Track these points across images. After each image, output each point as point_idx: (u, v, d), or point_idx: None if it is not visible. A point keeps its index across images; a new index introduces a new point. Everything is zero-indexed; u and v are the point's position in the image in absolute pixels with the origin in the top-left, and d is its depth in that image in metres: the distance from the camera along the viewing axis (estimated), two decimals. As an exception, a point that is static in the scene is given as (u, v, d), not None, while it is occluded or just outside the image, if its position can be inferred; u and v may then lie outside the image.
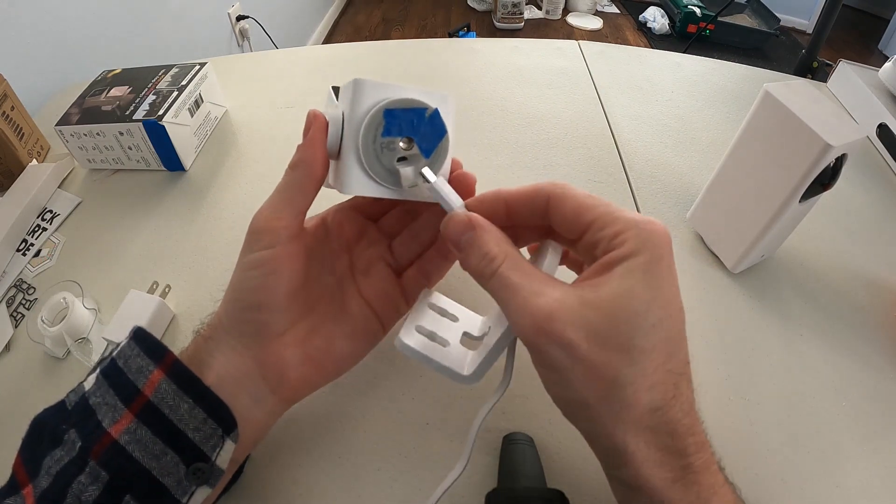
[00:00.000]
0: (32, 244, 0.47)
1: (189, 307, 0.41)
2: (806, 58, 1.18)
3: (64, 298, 0.39)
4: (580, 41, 0.72)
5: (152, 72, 0.55)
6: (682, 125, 0.58)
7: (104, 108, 0.51)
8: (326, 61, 0.71)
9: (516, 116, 0.59)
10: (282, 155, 0.32)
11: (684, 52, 0.73)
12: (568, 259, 0.29)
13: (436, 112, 0.27)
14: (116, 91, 0.53)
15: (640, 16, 2.66)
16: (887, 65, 0.59)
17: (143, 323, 0.37)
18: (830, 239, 0.46)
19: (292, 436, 0.33)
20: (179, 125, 0.51)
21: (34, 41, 0.78)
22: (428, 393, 0.35)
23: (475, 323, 0.29)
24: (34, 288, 0.44)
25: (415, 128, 0.26)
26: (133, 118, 0.49)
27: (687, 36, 2.44)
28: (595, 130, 0.57)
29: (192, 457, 0.24)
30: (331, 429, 0.33)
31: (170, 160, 0.52)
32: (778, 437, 0.33)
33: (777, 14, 2.47)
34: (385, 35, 2.60)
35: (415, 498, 0.30)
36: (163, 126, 0.48)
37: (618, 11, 2.81)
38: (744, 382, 0.36)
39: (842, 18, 1.15)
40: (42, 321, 0.38)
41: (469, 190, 0.29)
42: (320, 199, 0.30)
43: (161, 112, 0.49)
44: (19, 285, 0.44)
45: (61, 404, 0.25)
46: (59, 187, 0.52)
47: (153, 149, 0.50)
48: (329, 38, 2.54)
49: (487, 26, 2.63)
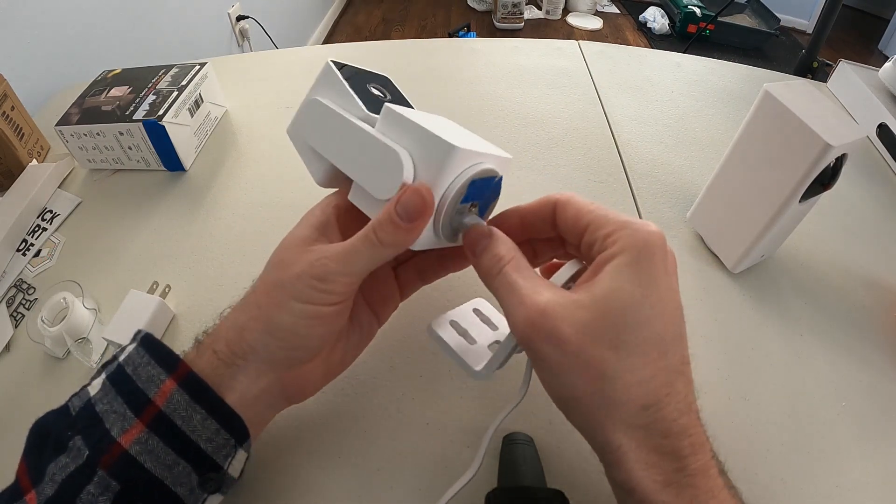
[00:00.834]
0: (32, 244, 0.47)
1: (189, 307, 0.41)
2: (806, 58, 1.18)
3: (64, 298, 0.39)
4: (580, 41, 0.72)
5: (152, 72, 0.55)
6: (682, 125, 0.58)
7: (104, 109, 0.51)
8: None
9: (516, 116, 0.59)
10: (282, 155, 0.32)
11: (684, 53, 0.73)
12: None
13: (500, 179, 0.28)
14: (116, 91, 0.53)
15: (640, 16, 2.66)
16: (887, 65, 0.59)
17: (143, 323, 0.37)
18: (830, 239, 0.46)
19: (292, 436, 0.33)
20: (179, 125, 0.51)
21: (34, 41, 0.78)
22: (428, 393, 0.35)
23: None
24: (34, 288, 0.44)
25: (484, 193, 0.27)
26: (133, 118, 0.49)
27: (687, 36, 2.44)
28: (595, 130, 0.57)
29: (205, 466, 0.24)
30: (331, 429, 0.33)
31: (170, 160, 0.52)
32: (778, 437, 0.33)
33: (777, 14, 2.47)
34: (385, 35, 2.60)
35: (415, 498, 0.30)
36: (163, 126, 0.49)
37: (618, 11, 2.81)
38: (744, 382, 0.36)
39: (842, 18, 1.15)
40: (42, 321, 0.38)
41: None
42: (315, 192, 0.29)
43: (161, 112, 0.49)
44: (19, 285, 0.44)
45: (65, 409, 0.25)
46: (59, 187, 0.52)
47: (153, 149, 0.50)
48: (329, 39, 2.54)
49: (487, 26, 2.63)
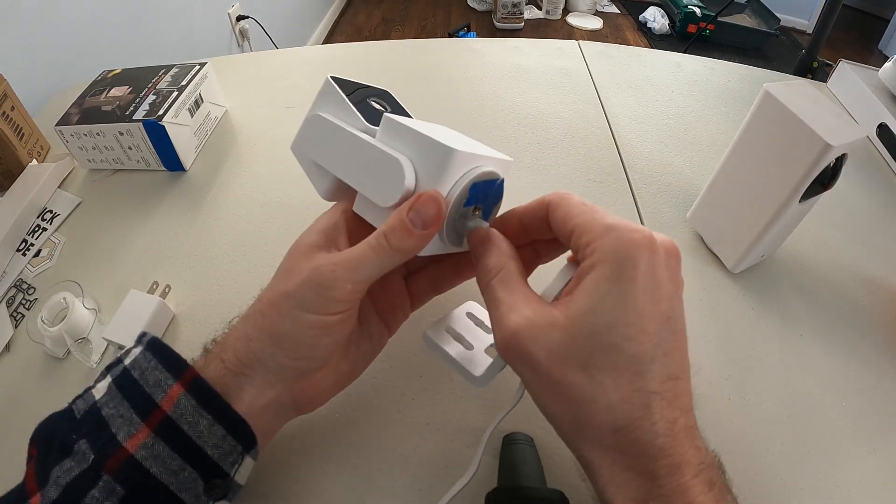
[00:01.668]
0: (32, 244, 0.47)
1: (189, 307, 0.41)
2: (806, 58, 1.18)
3: (64, 298, 0.39)
4: (580, 41, 0.72)
5: (152, 72, 0.55)
6: (682, 125, 0.58)
7: (104, 109, 0.51)
8: (326, 61, 0.71)
9: (516, 116, 0.59)
10: (282, 155, 0.32)
11: (684, 52, 0.73)
12: None
13: (502, 181, 0.28)
14: (116, 91, 0.53)
15: (640, 16, 2.66)
16: (887, 65, 0.59)
17: (143, 323, 0.37)
18: (830, 239, 0.46)
19: (292, 436, 0.33)
20: (179, 125, 0.51)
21: (34, 41, 0.78)
22: (428, 394, 0.35)
23: None
24: (34, 288, 0.44)
25: (486, 196, 0.28)
26: (133, 118, 0.49)
27: (687, 36, 2.44)
28: (595, 130, 0.57)
29: (211, 473, 0.24)
30: (331, 429, 0.33)
31: (170, 160, 0.52)
32: (778, 437, 0.33)
33: (777, 14, 2.47)
34: (385, 35, 2.60)
35: (415, 498, 0.30)
36: (163, 126, 0.48)
37: (618, 11, 2.81)
38: (744, 382, 0.36)
39: (842, 18, 1.15)
40: (42, 321, 0.38)
41: None
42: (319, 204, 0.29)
43: (161, 112, 0.49)
44: (19, 285, 0.44)
45: (69, 412, 0.25)
46: (59, 187, 0.52)
47: (153, 149, 0.50)
48: (329, 39, 2.54)
49: (487, 26, 2.63)
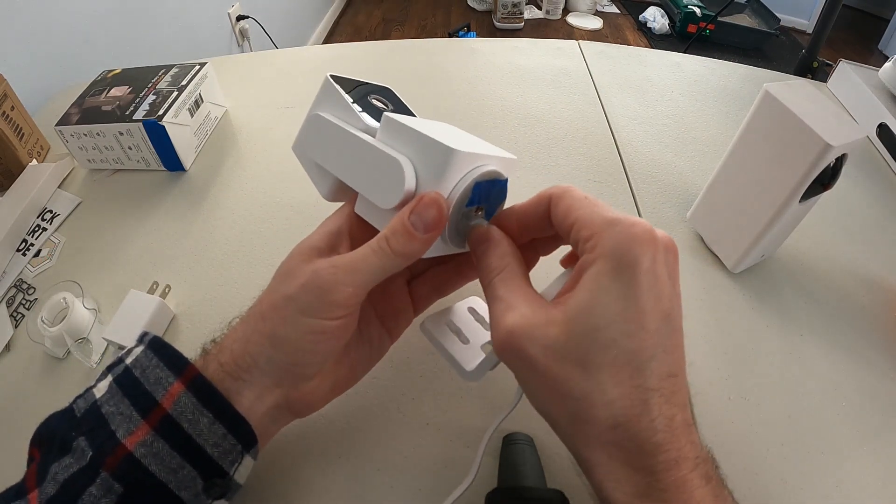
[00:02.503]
0: (32, 244, 0.47)
1: (189, 307, 0.41)
2: (806, 58, 1.18)
3: (64, 298, 0.39)
4: (580, 41, 0.72)
5: (152, 72, 0.55)
6: (682, 125, 0.58)
7: (104, 109, 0.51)
8: (326, 61, 0.71)
9: (516, 116, 0.59)
10: (282, 155, 0.32)
11: (684, 52, 0.73)
12: None
13: (506, 181, 0.28)
14: (116, 91, 0.53)
15: (640, 16, 2.66)
16: (887, 65, 0.59)
17: (143, 323, 0.37)
18: (830, 239, 0.46)
19: (292, 436, 0.33)
20: (179, 125, 0.51)
21: (34, 41, 0.78)
22: (428, 393, 0.35)
23: None
24: (34, 288, 0.44)
25: (489, 196, 0.27)
26: (133, 118, 0.49)
27: (687, 36, 2.44)
28: (595, 130, 0.57)
29: (211, 472, 0.24)
30: (331, 429, 0.33)
31: (170, 160, 0.52)
32: (778, 437, 0.33)
33: (777, 14, 2.46)
34: (385, 35, 2.60)
35: (415, 498, 0.30)
36: (163, 126, 0.48)
37: (618, 11, 2.81)
38: (744, 382, 0.36)
39: (841, 18, 1.15)
40: (42, 321, 0.38)
41: None
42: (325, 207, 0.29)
43: (161, 112, 0.49)
44: (19, 285, 0.44)
45: (69, 410, 0.25)
46: (59, 187, 0.52)
47: (153, 149, 0.50)
48: (329, 39, 2.54)
49: (487, 26, 2.63)
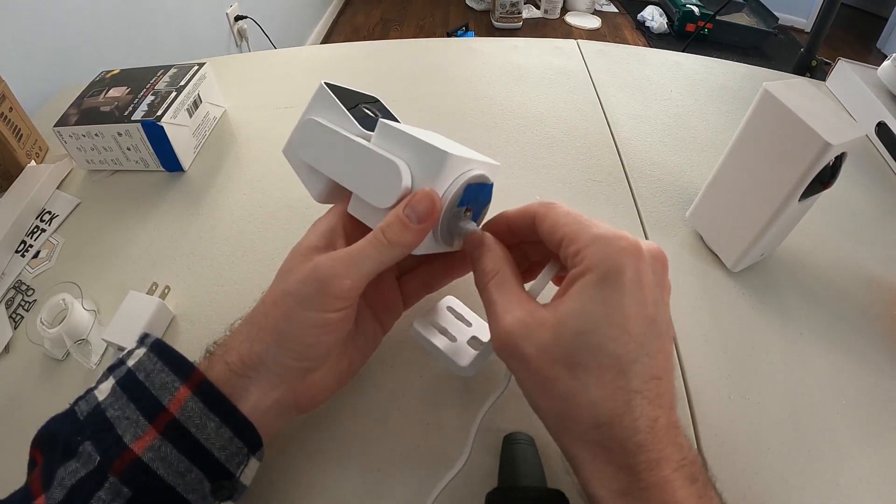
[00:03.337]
0: (31, 245, 0.47)
1: (188, 308, 0.41)
2: (805, 56, 1.18)
3: (63, 300, 0.39)
4: (579, 40, 0.72)
5: (151, 72, 0.55)
6: (681, 124, 0.58)
7: (103, 109, 0.51)
8: (325, 61, 0.71)
9: (515, 116, 0.59)
10: (280, 155, 0.32)
11: (683, 51, 0.73)
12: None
13: (492, 185, 0.30)
14: (115, 92, 0.53)
15: (639, 15, 2.66)
16: (886, 63, 0.59)
17: (143, 324, 0.37)
18: (830, 237, 0.46)
19: (292, 436, 0.33)
20: (178, 126, 0.51)
21: (33, 42, 0.78)
22: (427, 393, 0.35)
23: (485, 330, 0.32)
24: (33, 289, 0.44)
25: (478, 198, 0.29)
26: (132, 119, 0.49)
27: (685, 35, 2.44)
28: (594, 130, 0.57)
29: (218, 474, 0.24)
30: (331, 429, 0.33)
31: (168, 161, 0.52)
32: (778, 436, 0.33)
33: (775, 13, 2.47)
34: (383, 35, 2.60)
35: (415, 497, 0.30)
36: (161, 126, 0.48)
37: (616, 10, 2.81)
38: (744, 381, 0.36)
39: (840, 17, 1.15)
40: (41, 322, 0.38)
41: None
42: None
43: (160, 112, 0.49)
44: (18, 287, 0.44)
45: (71, 413, 0.25)
46: (58, 188, 0.52)
47: (152, 149, 0.50)
48: (327, 39, 2.54)
49: (486, 26, 2.63)
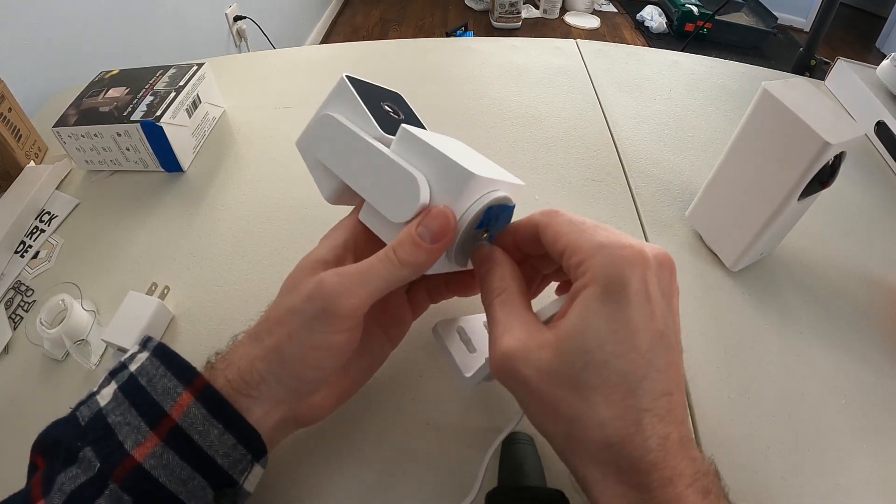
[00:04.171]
0: (31, 246, 0.47)
1: (188, 308, 0.41)
2: (804, 56, 1.17)
3: (62, 300, 0.39)
4: (578, 40, 0.72)
5: (150, 72, 0.55)
6: (681, 124, 0.58)
7: (102, 109, 0.51)
8: (324, 61, 0.71)
9: (514, 116, 0.59)
10: (280, 155, 0.32)
11: (682, 51, 0.73)
12: None
13: (513, 207, 0.28)
14: (114, 92, 0.53)
15: (638, 14, 2.66)
16: (885, 63, 0.59)
17: (143, 324, 0.37)
18: (829, 237, 0.46)
19: (292, 436, 0.32)
20: (177, 126, 0.51)
21: (32, 42, 0.78)
22: (428, 393, 0.35)
23: None
24: (32, 290, 0.44)
25: (496, 219, 0.28)
26: (131, 119, 0.49)
27: (684, 34, 2.44)
28: (593, 130, 0.57)
29: (221, 481, 0.24)
30: (331, 429, 0.33)
31: (168, 161, 0.52)
32: (778, 435, 0.33)
33: (775, 12, 2.47)
34: (383, 35, 2.60)
35: (415, 498, 0.30)
36: (160, 127, 0.48)
37: (615, 10, 2.81)
38: (743, 380, 0.36)
39: (839, 17, 1.15)
40: (41, 323, 0.37)
41: None
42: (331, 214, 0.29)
43: (159, 113, 0.49)
44: (17, 287, 0.44)
45: (72, 418, 0.24)
46: (57, 189, 0.52)
47: (151, 150, 0.50)
48: (327, 39, 2.54)
49: (485, 26, 2.63)
